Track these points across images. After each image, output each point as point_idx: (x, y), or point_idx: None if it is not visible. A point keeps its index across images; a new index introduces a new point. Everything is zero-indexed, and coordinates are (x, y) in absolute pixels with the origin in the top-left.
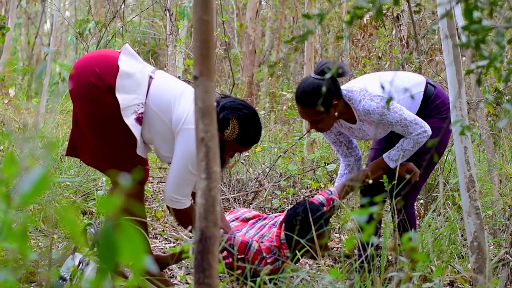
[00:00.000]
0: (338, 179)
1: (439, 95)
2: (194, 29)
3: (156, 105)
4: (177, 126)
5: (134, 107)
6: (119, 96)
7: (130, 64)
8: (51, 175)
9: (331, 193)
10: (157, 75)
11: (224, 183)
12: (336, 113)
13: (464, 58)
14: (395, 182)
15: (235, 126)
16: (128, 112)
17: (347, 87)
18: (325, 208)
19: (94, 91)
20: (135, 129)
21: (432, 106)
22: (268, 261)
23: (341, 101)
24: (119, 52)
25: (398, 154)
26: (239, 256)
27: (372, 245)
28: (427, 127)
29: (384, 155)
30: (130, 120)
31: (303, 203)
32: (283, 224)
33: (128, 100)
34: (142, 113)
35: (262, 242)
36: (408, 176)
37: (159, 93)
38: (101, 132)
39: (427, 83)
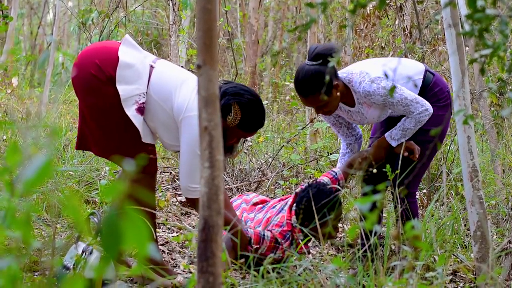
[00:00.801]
0: (340, 158)
1: (438, 83)
2: (197, 18)
3: (157, 94)
4: (179, 114)
5: (135, 97)
6: (120, 87)
7: (131, 54)
8: (54, 164)
9: (336, 174)
10: (158, 64)
11: (227, 173)
12: (338, 93)
13: (467, 48)
14: (398, 171)
15: (237, 112)
16: (129, 102)
17: (347, 70)
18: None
19: (95, 82)
20: (137, 119)
21: (431, 94)
22: (285, 245)
23: (340, 81)
24: (120, 43)
25: (400, 133)
26: (255, 246)
27: (375, 234)
28: (428, 105)
29: (386, 134)
30: (131, 111)
31: (315, 185)
32: (293, 208)
33: (128, 90)
34: (143, 103)
35: (273, 229)
36: (406, 154)
37: (160, 82)
38: (105, 124)
39: (426, 70)
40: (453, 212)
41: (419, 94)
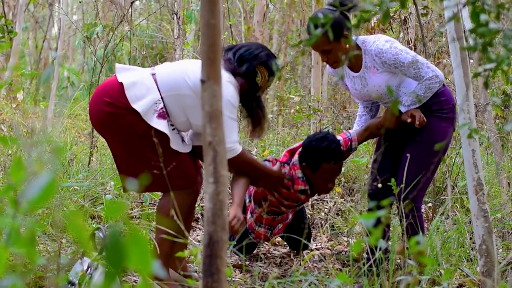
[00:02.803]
0: (357, 120)
1: (445, 93)
2: (201, 33)
3: (172, 90)
4: (200, 88)
5: (152, 107)
6: (135, 105)
7: (129, 74)
8: (59, 180)
9: (350, 135)
10: (157, 69)
11: None
12: (347, 45)
13: (471, 60)
14: (403, 185)
15: (263, 71)
16: (149, 115)
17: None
18: (342, 148)
19: (114, 118)
20: (161, 124)
21: (436, 101)
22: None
23: (353, 41)
24: (115, 75)
25: (410, 100)
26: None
27: (380, 248)
28: (439, 72)
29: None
30: (154, 121)
31: (322, 132)
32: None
33: (144, 105)
34: (162, 108)
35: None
36: (410, 120)
37: (168, 79)
38: (144, 151)
39: None
40: (458, 225)
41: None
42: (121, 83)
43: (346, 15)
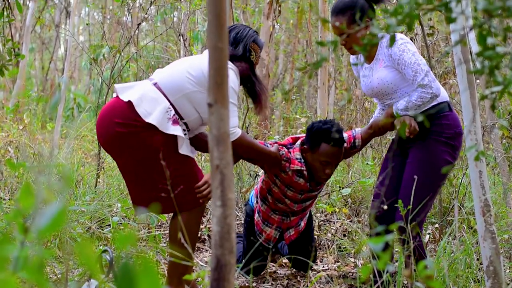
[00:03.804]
0: (371, 120)
1: (449, 118)
2: (208, 56)
3: (178, 92)
4: (204, 81)
5: (165, 116)
6: (149, 119)
7: (132, 91)
8: (66, 203)
9: (354, 132)
10: (156, 77)
11: (239, 208)
12: (367, 31)
13: (478, 81)
14: (410, 207)
15: (255, 47)
16: (164, 124)
17: None
18: (345, 145)
19: (129, 138)
20: (177, 130)
21: (437, 123)
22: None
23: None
24: (117, 96)
25: (404, 105)
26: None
27: (387, 271)
28: (435, 86)
29: (393, 105)
30: (171, 129)
31: (330, 119)
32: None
33: (158, 116)
34: (174, 114)
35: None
36: (397, 128)
37: (171, 84)
38: (158, 171)
39: (447, 102)
40: (465, 246)
41: (427, 118)
42: (129, 101)
43: (371, 5)
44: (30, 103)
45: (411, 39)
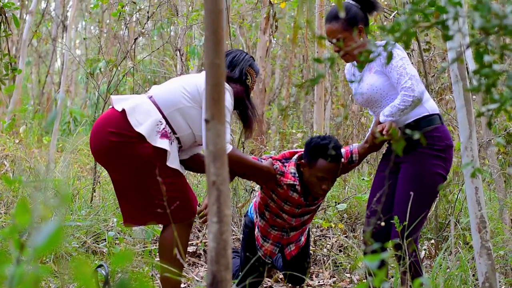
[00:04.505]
0: (368, 134)
1: (440, 131)
2: (205, 72)
3: (172, 106)
4: (198, 96)
5: (155, 129)
6: (139, 129)
7: (127, 101)
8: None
9: (351, 148)
10: (153, 92)
11: (235, 223)
12: (361, 38)
13: (474, 97)
14: (406, 223)
15: (251, 72)
16: (152, 136)
17: None
18: (343, 160)
19: (122, 147)
20: (163, 143)
21: (427, 134)
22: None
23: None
24: (112, 107)
25: (389, 110)
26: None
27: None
28: (418, 89)
29: (381, 112)
30: (158, 142)
31: (328, 135)
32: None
33: (148, 127)
34: (164, 127)
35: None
36: (378, 131)
37: (166, 98)
38: (149, 183)
39: (438, 115)
40: (461, 262)
41: (418, 128)
42: (123, 110)
43: (365, 13)
44: (27, 117)
45: (407, 55)
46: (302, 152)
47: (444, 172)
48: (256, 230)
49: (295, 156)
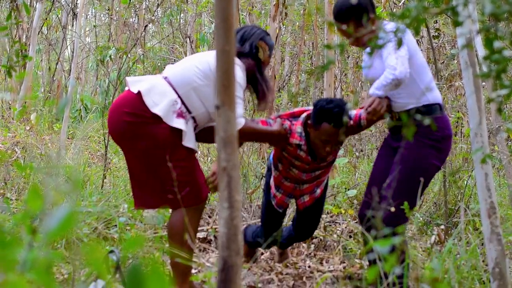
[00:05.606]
0: None
1: (440, 121)
2: (216, 59)
3: (186, 85)
4: (211, 72)
5: (171, 109)
6: (155, 110)
7: (143, 84)
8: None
9: (361, 114)
10: (167, 72)
11: (245, 209)
12: (373, 26)
13: (484, 83)
14: (416, 208)
15: (263, 45)
16: (169, 116)
17: None
18: (351, 122)
19: (137, 128)
20: (179, 123)
21: (424, 124)
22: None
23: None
24: (128, 89)
25: (378, 83)
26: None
27: (394, 273)
28: (402, 68)
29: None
30: (173, 121)
31: (337, 99)
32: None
33: (164, 108)
34: (180, 107)
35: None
36: (365, 107)
37: (180, 77)
38: (162, 164)
39: (440, 104)
40: (471, 248)
41: (420, 114)
42: (139, 92)
43: (372, 3)
44: (37, 104)
45: (416, 42)
46: (311, 112)
47: (438, 162)
48: (271, 179)
49: (303, 115)
